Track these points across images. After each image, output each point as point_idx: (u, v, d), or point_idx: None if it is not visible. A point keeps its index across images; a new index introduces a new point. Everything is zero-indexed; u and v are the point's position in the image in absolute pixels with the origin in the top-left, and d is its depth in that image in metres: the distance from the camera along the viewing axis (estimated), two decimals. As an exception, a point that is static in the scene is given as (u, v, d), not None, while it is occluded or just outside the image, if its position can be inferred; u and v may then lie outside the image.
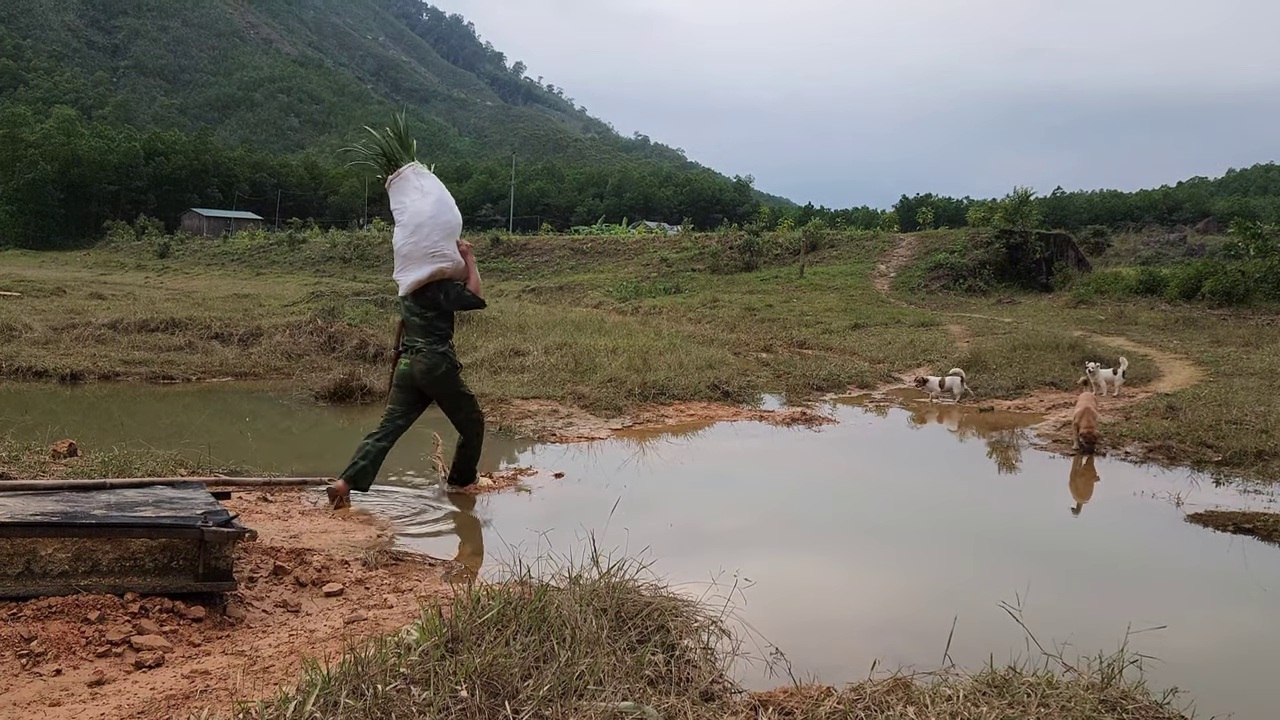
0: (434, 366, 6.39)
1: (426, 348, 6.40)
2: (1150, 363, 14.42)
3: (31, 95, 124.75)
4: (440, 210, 6.38)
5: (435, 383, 6.43)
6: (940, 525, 6.50)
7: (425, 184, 6.46)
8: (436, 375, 6.40)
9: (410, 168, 6.50)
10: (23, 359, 11.77)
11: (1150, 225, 73.51)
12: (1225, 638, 4.55)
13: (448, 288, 6.42)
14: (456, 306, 6.54)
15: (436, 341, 6.42)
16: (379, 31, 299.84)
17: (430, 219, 6.32)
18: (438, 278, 6.36)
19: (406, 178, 6.47)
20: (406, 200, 6.41)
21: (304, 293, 23.67)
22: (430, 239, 6.30)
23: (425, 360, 6.38)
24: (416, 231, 6.32)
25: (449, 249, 6.37)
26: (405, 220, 6.39)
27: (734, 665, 3.55)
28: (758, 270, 35.65)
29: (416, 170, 6.52)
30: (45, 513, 4.03)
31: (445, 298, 6.42)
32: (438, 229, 6.32)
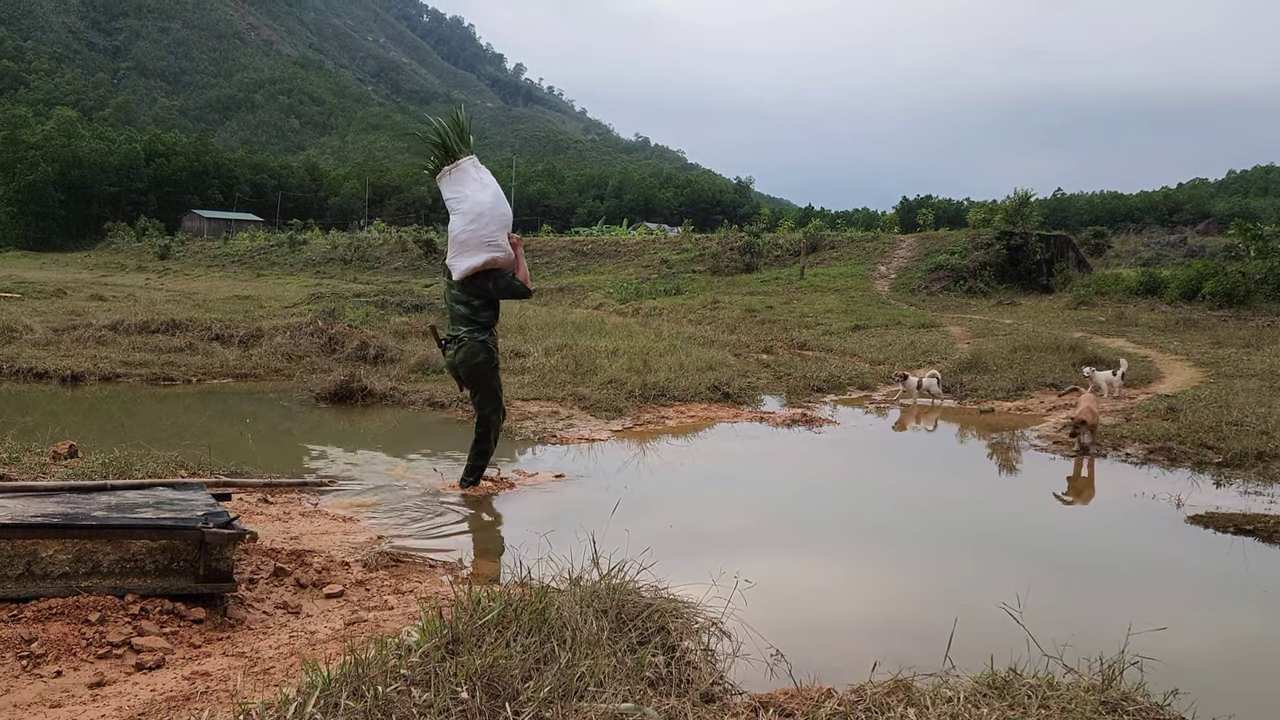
0: (473, 354, 6.66)
1: (468, 336, 6.67)
2: (1151, 364, 14.42)
3: (32, 97, 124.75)
4: (498, 203, 6.65)
5: (472, 370, 6.71)
6: (940, 526, 6.50)
7: (484, 177, 6.76)
8: (475, 363, 6.68)
9: (469, 160, 6.75)
10: (23, 360, 11.77)
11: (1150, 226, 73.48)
12: (1226, 639, 4.55)
13: (497, 276, 6.67)
14: (505, 295, 6.78)
15: (478, 330, 6.68)
16: (379, 33, 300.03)
17: (490, 209, 6.59)
18: (490, 266, 6.61)
19: (465, 169, 6.71)
20: (466, 190, 6.65)
21: (304, 294, 23.67)
22: (488, 228, 6.57)
23: (466, 348, 6.66)
24: (476, 220, 6.56)
25: (502, 240, 6.63)
26: (465, 209, 6.62)
27: (734, 667, 3.55)
28: (758, 271, 35.65)
29: (475, 163, 6.78)
30: (46, 514, 4.03)
31: (494, 286, 6.67)
32: (495, 220, 6.59)
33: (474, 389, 6.81)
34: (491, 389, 6.81)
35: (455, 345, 6.70)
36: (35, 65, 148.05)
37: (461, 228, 6.61)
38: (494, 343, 6.81)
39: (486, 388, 6.79)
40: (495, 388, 6.86)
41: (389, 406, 10.56)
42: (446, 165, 6.74)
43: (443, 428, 9.46)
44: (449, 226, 6.76)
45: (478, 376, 6.74)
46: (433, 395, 10.73)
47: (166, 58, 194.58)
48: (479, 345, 6.66)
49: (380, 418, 10.09)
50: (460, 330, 6.70)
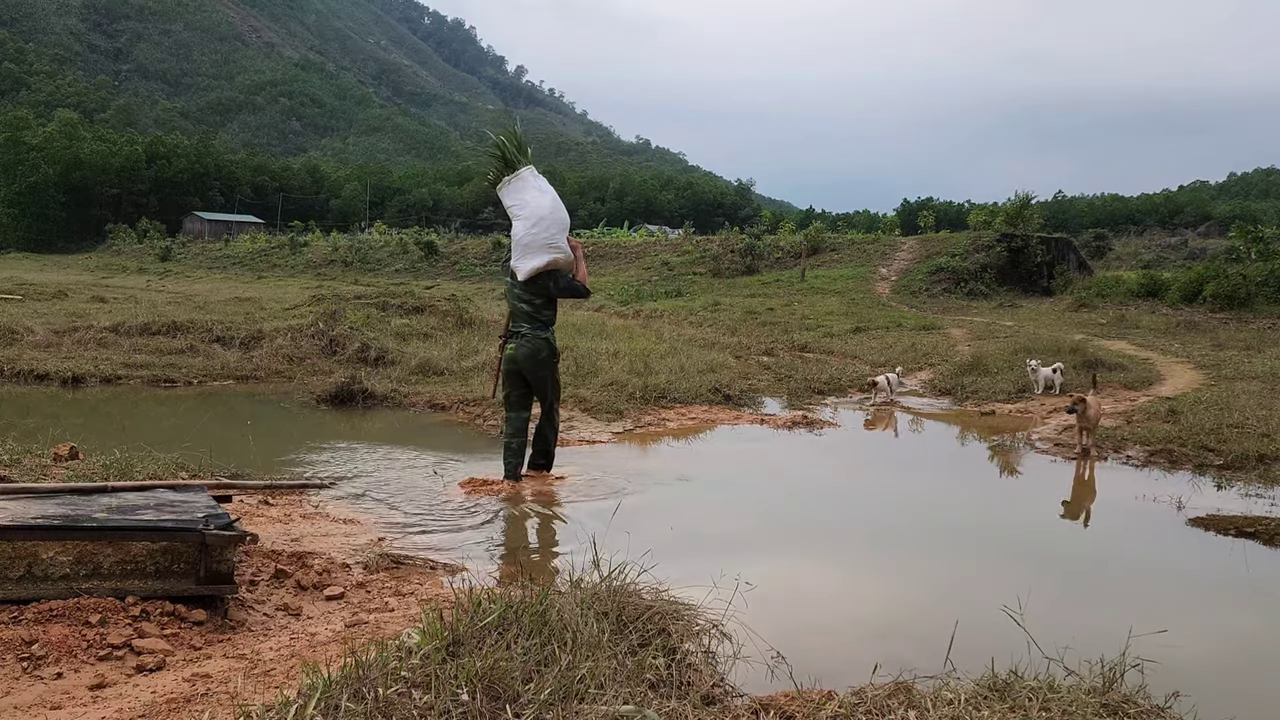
0: (536, 350, 7.11)
1: (531, 333, 7.12)
2: (1151, 366, 14.41)
3: (34, 99, 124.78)
4: (556, 208, 7.13)
5: (536, 365, 7.14)
6: (941, 529, 6.50)
7: (542, 184, 7.22)
8: (539, 359, 7.13)
9: (528, 170, 7.22)
10: (24, 362, 11.77)
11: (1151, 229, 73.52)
12: (1227, 642, 4.54)
13: (558, 277, 7.12)
14: (565, 294, 7.27)
15: (540, 328, 7.13)
16: (381, 35, 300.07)
17: (550, 214, 7.07)
18: (551, 267, 7.05)
19: (525, 178, 7.18)
20: (527, 197, 7.11)
21: (305, 296, 23.62)
22: (549, 231, 7.03)
23: (529, 344, 7.11)
24: (538, 224, 7.03)
25: (562, 242, 7.10)
26: (526, 214, 7.08)
27: (735, 669, 3.55)
28: (759, 274, 35.67)
29: (533, 172, 7.25)
30: (47, 516, 4.03)
31: (555, 285, 7.12)
32: (555, 224, 7.07)
33: (537, 384, 7.22)
34: (555, 382, 7.32)
35: (518, 341, 7.13)
36: (37, 67, 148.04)
37: (524, 231, 7.05)
38: (554, 339, 7.23)
39: (550, 381, 7.26)
40: (558, 381, 7.39)
41: (390, 409, 10.56)
42: (507, 175, 7.20)
43: (444, 430, 9.46)
44: (512, 231, 7.20)
45: (542, 371, 7.17)
46: (433, 397, 10.74)
47: (168, 60, 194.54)
48: (542, 342, 7.11)
49: (381, 420, 10.09)
50: (523, 328, 7.11)
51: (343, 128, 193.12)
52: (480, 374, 12.25)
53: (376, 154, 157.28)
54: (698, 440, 9.29)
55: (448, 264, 49.26)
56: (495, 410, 10.03)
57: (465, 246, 52.97)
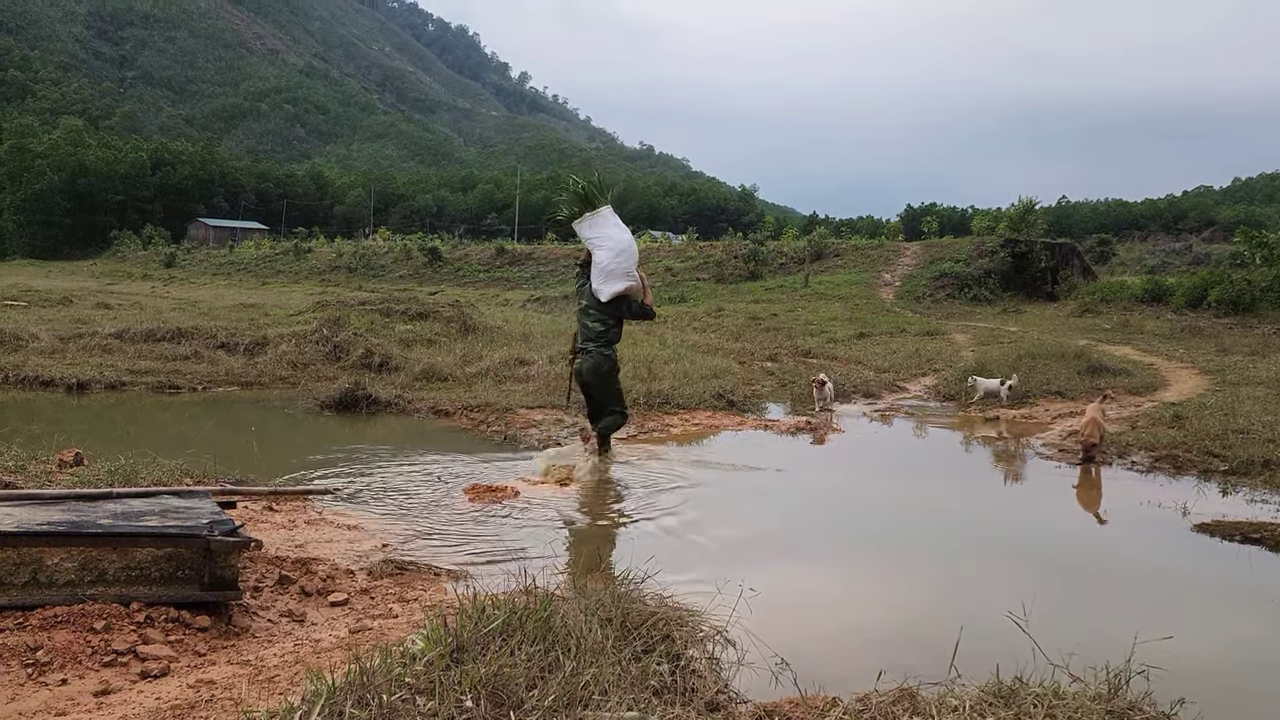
0: (599, 365, 8.12)
1: (596, 350, 8.14)
2: (1156, 372, 14.39)
3: (39, 106, 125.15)
4: (632, 243, 8.30)
5: (599, 378, 8.15)
6: (945, 535, 6.49)
7: (619, 222, 8.36)
8: (601, 372, 8.14)
9: (607, 208, 8.36)
10: (30, 368, 11.80)
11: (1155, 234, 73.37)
12: (1233, 648, 4.53)
13: (630, 301, 8.21)
14: (636, 316, 8.44)
15: (604, 345, 8.15)
16: (385, 42, 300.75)
17: (629, 246, 8.21)
18: (626, 292, 8.14)
19: (605, 215, 8.29)
20: (609, 231, 8.23)
21: (309, 302, 23.68)
22: (628, 262, 8.15)
23: (593, 359, 8.13)
24: (621, 254, 8.14)
25: (634, 271, 8.19)
26: (610, 245, 8.19)
27: (739, 675, 3.55)
28: (762, 279, 35.68)
29: (611, 211, 8.38)
30: (51, 522, 4.04)
31: (628, 309, 8.23)
32: (631, 255, 8.20)
33: (600, 393, 8.20)
34: (615, 391, 8.28)
35: (584, 357, 8.17)
36: (42, 75, 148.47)
37: (609, 260, 8.12)
38: (615, 356, 8.27)
39: (610, 391, 8.23)
40: (618, 390, 8.32)
41: (394, 414, 10.57)
42: (587, 212, 8.27)
43: (448, 436, 9.47)
44: (595, 260, 8.20)
45: (603, 384, 8.17)
46: (437, 403, 10.74)
47: (173, 67, 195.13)
48: (603, 358, 8.12)
49: (385, 426, 10.10)
50: (590, 345, 8.15)
51: (347, 134, 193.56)
52: (484, 379, 12.27)
53: (380, 160, 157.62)
54: (701, 446, 9.29)
55: (451, 270, 49.33)
56: (499, 415, 10.06)
57: (469, 252, 53.04)
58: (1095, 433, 8.53)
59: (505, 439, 9.24)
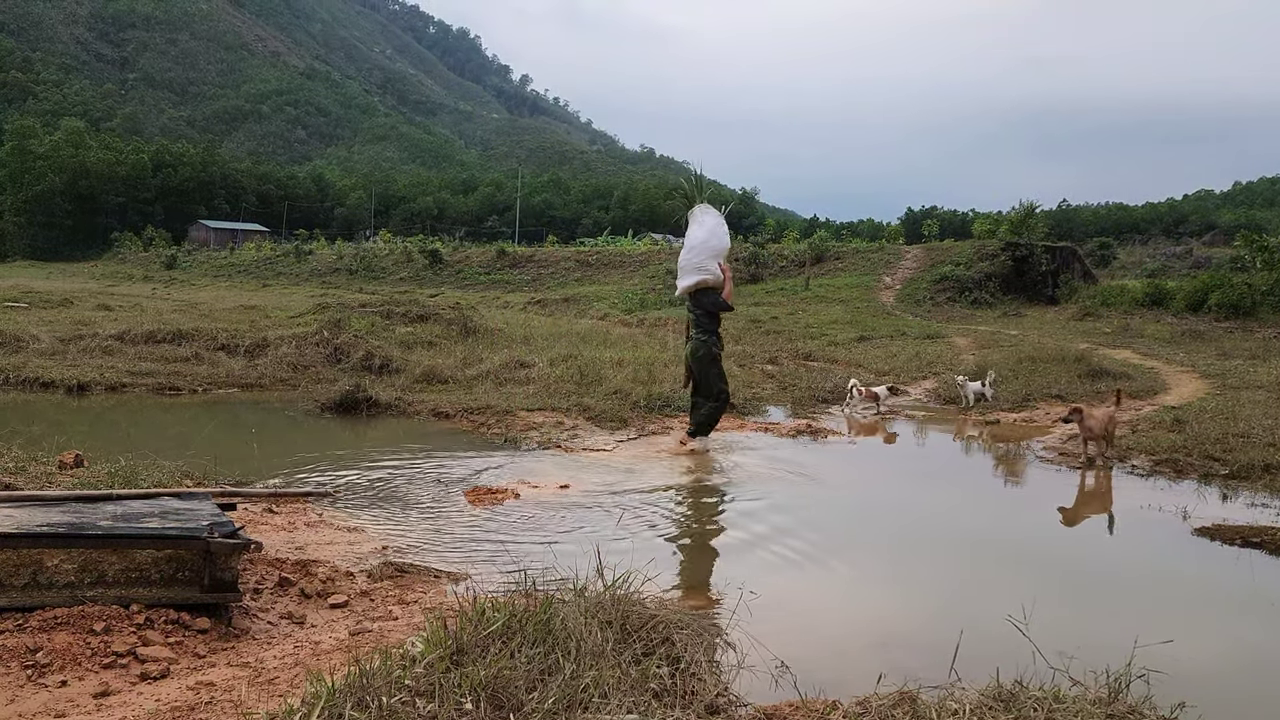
0: (697, 349, 9.02)
1: (696, 336, 9.03)
2: (1156, 375, 14.39)
3: (40, 108, 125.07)
4: (709, 238, 8.97)
5: (697, 361, 9.03)
6: (946, 538, 6.48)
7: (705, 219, 9.11)
8: (699, 356, 9.02)
9: (700, 206, 9.21)
10: (30, 370, 11.79)
11: (1156, 238, 73.47)
12: (1233, 652, 4.53)
13: (709, 294, 9.00)
14: (713, 308, 9.06)
15: (702, 332, 9.01)
16: (386, 44, 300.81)
17: (701, 243, 8.95)
18: (701, 286, 8.97)
19: (695, 213, 9.19)
20: (691, 229, 9.09)
21: (310, 304, 23.66)
22: (700, 257, 8.93)
23: (693, 344, 9.07)
24: (691, 251, 9.00)
25: (711, 266, 8.94)
26: (686, 243, 9.11)
27: (739, 678, 3.54)
28: (763, 282, 35.66)
29: (703, 208, 9.23)
30: (52, 524, 4.04)
31: (706, 300, 8.99)
32: (705, 250, 8.93)
33: (699, 376, 9.02)
34: (714, 375, 8.98)
35: (690, 342, 9.10)
36: (44, 76, 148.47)
37: (682, 257, 9.14)
38: (715, 341, 9.06)
39: (707, 376, 8.97)
40: (717, 374, 9.02)
41: (394, 417, 10.57)
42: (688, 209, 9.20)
43: (448, 438, 9.46)
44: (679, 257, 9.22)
45: (701, 367, 8.99)
46: (437, 406, 10.74)
47: (174, 69, 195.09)
48: (702, 343, 8.98)
49: (386, 428, 10.10)
50: (693, 332, 9.07)
51: (348, 136, 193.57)
52: (485, 382, 12.25)
53: (381, 162, 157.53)
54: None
55: (452, 272, 49.32)
56: (499, 418, 10.06)
57: (469, 255, 53.04)
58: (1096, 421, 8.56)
59: (506, 441, 9.24)
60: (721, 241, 9.01)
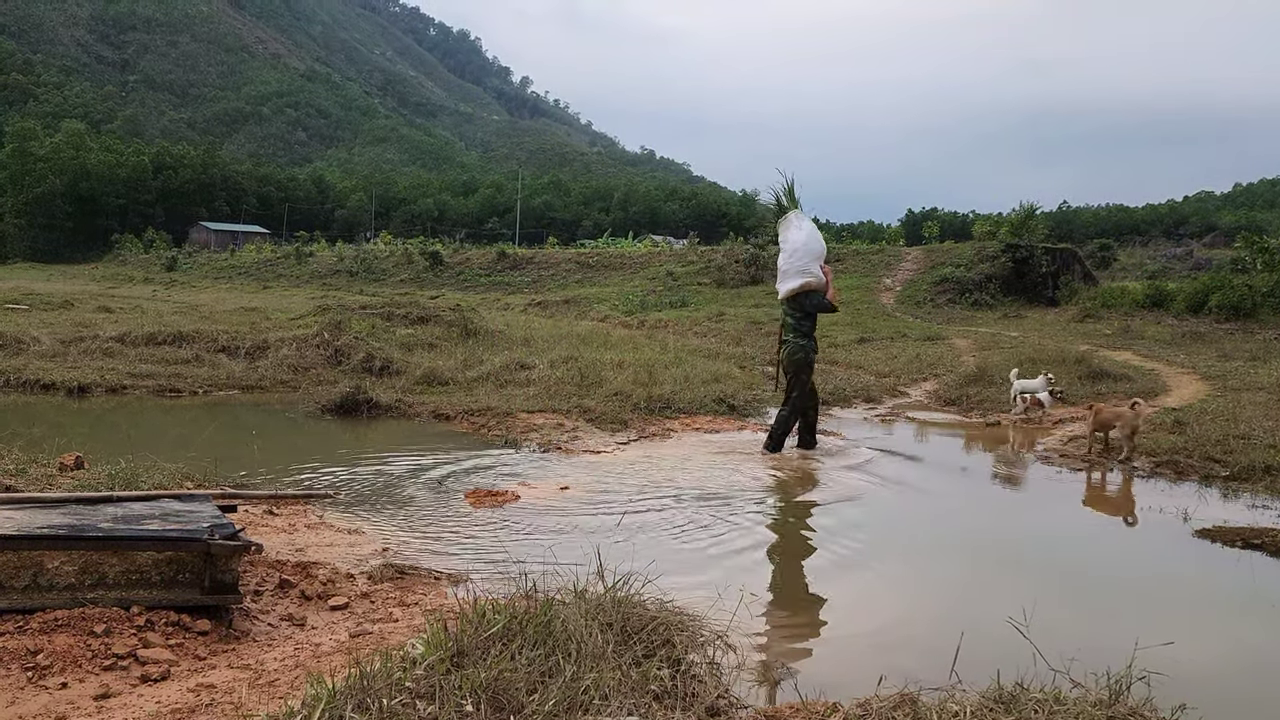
0: (794, 352, 9.11)
1: (792, 340, 9.14)
2: (1157, 377, 14.38)
3: (41, 109, 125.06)
4: (809, 241, 9.08)
5: (793, 364, 9.09)
6: (946, 540, 6.48)
7: (802, 224, 9.26)
8: (795, 359, 9.09)
9: (794, 213, 9.43)
10: (30, 371, 11.80)
11: (1156, 240, 73.52)
12: (1234, 654, 4.52)
13: (811, 296, 9.09)
14: (815, 309, 9.17)
15: (799, 336, 9.12)
16: (386, 46, 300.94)
17: (802, 246, 9.05)
18: (805, 289, 9.05)
19: (789, 219, 9.35)
20: (789, 234, 9.20)
21: (311, 306, 23.68)
22: (802, 260, 9.01)
23: (789, 347, 9.15)
24: (793, 255, 9.06)
25: (814, 268, 9.03)
26: (786, 248, 9.19)
27: (739, 681, 3.54)
28: (763, 284, 35.59)
29: (798, 214, 9.41)
30: (52, 525, 4.04)
31: (809, 303, 9.10)
32: (807, 254, 9.02)
33: (790, 378, 9.09)
34: (803, 381, 9.07)
35: (785, 346, 9.20)
36: (44, 78, 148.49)
37: (783, 261, 9.19)
38: (812, 346, 9.20)
39: (799, 379, 9.05)
40: (805, 379, 9.10)
41: (395, 419, 10.57)
42: (780, 217, 9.43)
43: (449, 440, 9.46)
44: (778, 260, 9.32)
45: (795, 369, 9.07)
46: (438, 407, 10.74)
47: (175, 71, 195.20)
48: (798, 347, 9.10)
49: (386, 430, 10.10)
50: (789, 336, 9.17)
51: (348, 138, 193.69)
52: (486, 383, 12.25)
53: (382, 164, 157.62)
54: (702, 451, 9.28)
55: (453, 274, 49.34)
56: (499, 419, 10.06)
57: (470, 257, 53.05)
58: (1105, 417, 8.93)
59: (506, 442, 9.24)
60: (820, 245, 9.19)
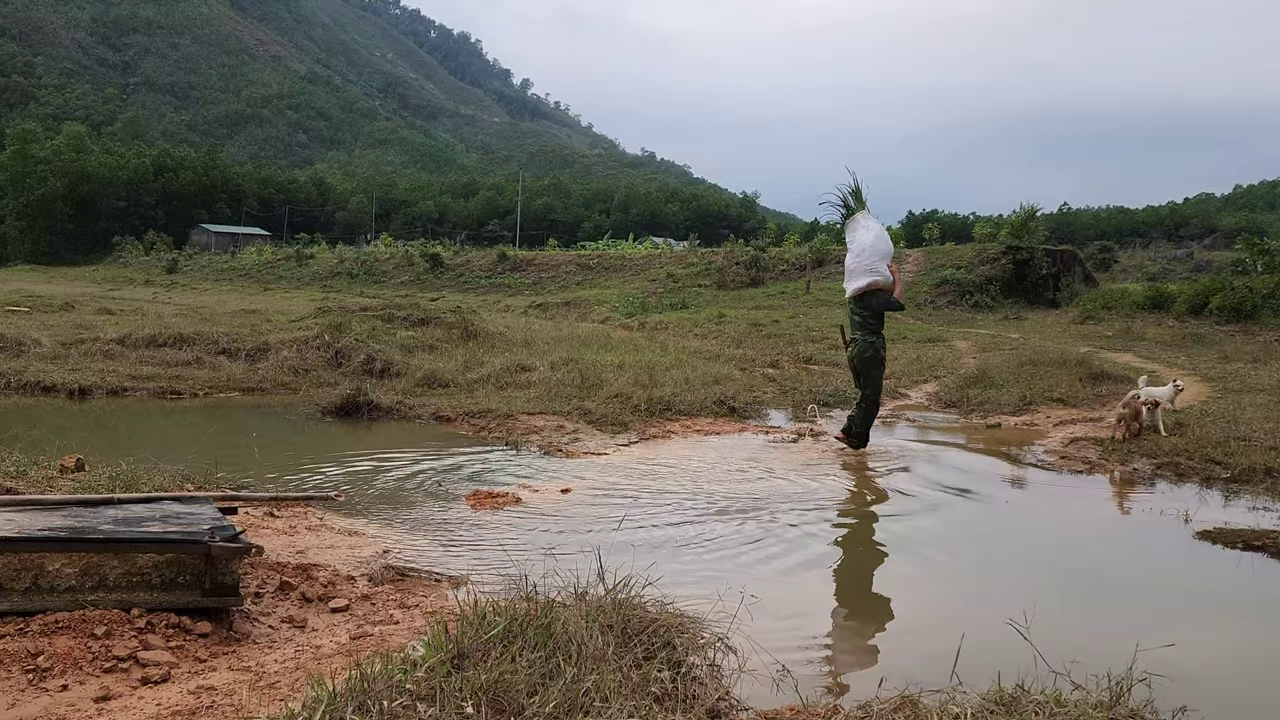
0: (864, 350, 9.28)
1: (860, 338, 9.28)
2: (1158, 379, 14.37)
3: (42, 112, 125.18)
4: (877, 242, 9.25)
5: (862, 361, 9.32)
6: (946, 541, 6.48)
7: (870, 224, 9.45)
8: (865, 356, 9.29)
9: (862, 213, 9.57)
10: (31, 374, 11.80)
11: (1157, 241, 73.45)
12: (1235, 656, 4.52)
13: (879, 295, 9.23)
14: (883, 308, 9.33)
15: (868, 333, 9.27)
16: (387, 48, 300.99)
17: (870, 246, 9.22)
18: (872, 288, 9.19)
19: (857, 220, 9.51)
20: (857, 234, 9.37)
21: (311, 308, 23.68)
22: (869, 260, 9.16)
23: (858, 345, 9.30)
24: (860, 255, 9.21)
25: (881, 268, 9.18)
26: (854, 247, 9.35)
27: (740, 683, 3.54)
28: (764, 286, 35.72)
29: (865, 215, 9.58)
30: (53, 528, 4.04)
31: (876, 301, 9.24)
32: (874, 253, 9.17)
33: (864, 376, 9.30)
34: (875, 377, 9.32)
35: (853, 344, 9.34)
36: (45, 80, 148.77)
37: (851, 260, 9.34)
38: (880, 343, 9.34)
39: (871, 375, 9.29)
40: (878, 376, 9.39)
41: (395, 421, 10.57)
42: (848, 218, 9.58)
43: (449, 442, 9.46)
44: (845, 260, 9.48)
45: (866, 366, 9.29)
46: (439, 409, 10.74)
47: (175, 73, 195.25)
48: (867, 344, 9.25)
49: (387, 432, 10.10)
50: (857, 334, 9.31)
51: (349, 140, 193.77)
52: (486, 385, 12.25)
53: (382, 166, 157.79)
54: (702, 452, 9.28)
55: (453, 276, 49.39)
56: (500, 421, 10.06)
57: (470, 259, 53.11)
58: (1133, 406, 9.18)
59: (506, 444, 9.23)
60: (888, 245, 9.35)
